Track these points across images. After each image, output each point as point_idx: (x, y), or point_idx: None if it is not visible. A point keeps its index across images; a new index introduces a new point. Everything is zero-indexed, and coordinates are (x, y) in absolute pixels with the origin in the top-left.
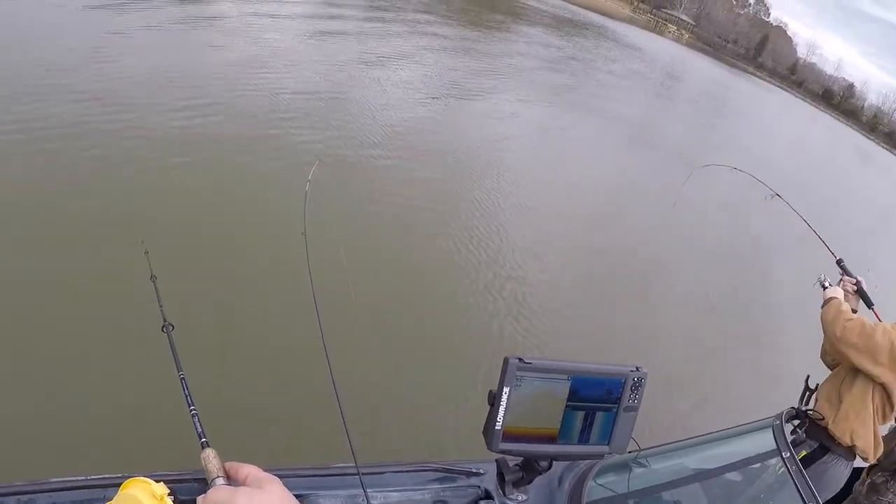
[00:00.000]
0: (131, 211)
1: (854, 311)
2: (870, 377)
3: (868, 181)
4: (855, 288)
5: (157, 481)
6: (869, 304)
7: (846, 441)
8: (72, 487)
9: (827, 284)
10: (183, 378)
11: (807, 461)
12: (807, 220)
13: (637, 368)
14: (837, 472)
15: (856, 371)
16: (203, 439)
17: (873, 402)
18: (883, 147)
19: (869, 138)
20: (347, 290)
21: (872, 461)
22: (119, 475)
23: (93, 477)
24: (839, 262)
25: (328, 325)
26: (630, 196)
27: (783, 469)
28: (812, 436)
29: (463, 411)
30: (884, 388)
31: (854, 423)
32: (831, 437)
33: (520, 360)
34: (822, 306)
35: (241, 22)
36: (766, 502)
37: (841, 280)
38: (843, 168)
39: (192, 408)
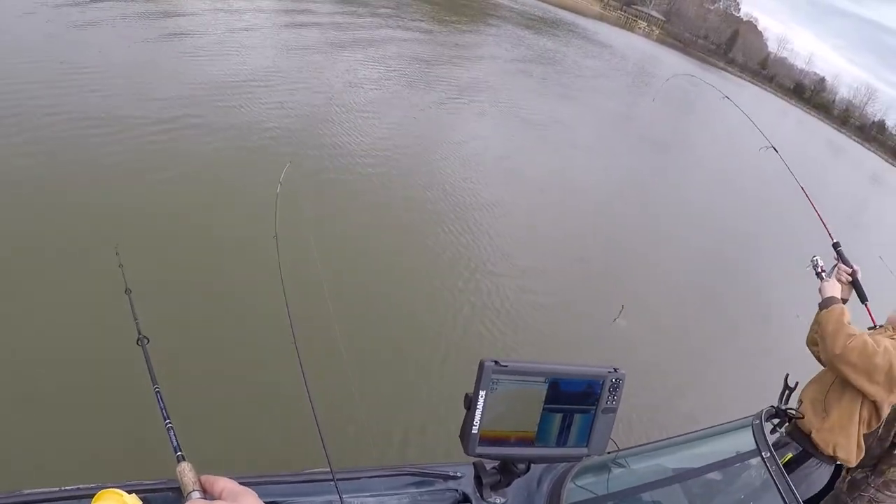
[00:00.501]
0: (105, 221)
1: (845, 301)
2: (861, 393)
3: (840, 174)
4: (850, 279)
5: (130, 492)
6: (863, 299)
7: (829, 452)
8: (45, 500)
9: (820, 269)
10: (158, 392)
11: (791, 464)
12: (804, 187)
13: (615, 370)
14: (820, 473)
15: (846, 383)
16: (179, 453)
17: (860, 416)
18: (854, 140)
19: (840, 132)
20: (322, 293)
21: (853, 465)
22: (93, 485)
23: (66, 488)
24: (835, 246)
25: (302, 330)
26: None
27: (764, 469)
28: (795, 439)
29: (439, 413)
30: (874, 404)
31: (839, 437)
32: (814, 445)
33: (496, 362)
34: (820, 305)
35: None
36: (747, 503)
37: (836, 267)
38: (817, 162)
39: (167, 421)
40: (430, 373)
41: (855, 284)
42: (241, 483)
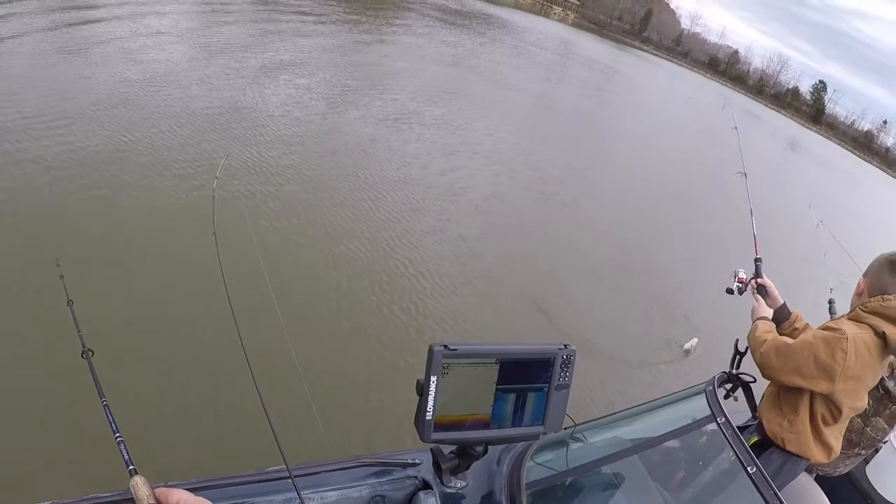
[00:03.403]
0: (41, 231)
1: (786, 314)
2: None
3: (761, 142)
4: (755, 288)
5: None
6: (777, 306)
7: (804, 455)
8: None
9: (737, 279)
10: (106, 405)
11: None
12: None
13: (565, 346)
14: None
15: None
16: (131, 466)
17: (816, 413)
18: (771, 108)
19: (757, 101)
20: (264, 288)
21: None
22: (49, 502)
23: None
24: (756, 261)
25: (247, 325)
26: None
27: (720, 434)
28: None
29: (392, 401)
30: (827, 398)
31: (804, 438)
32: (787, 450)
33: (445, 346)
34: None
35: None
36: (706, 468)
37: (749, 282)
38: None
39: (117, 435)
40: (377, 357)
41: (761, 293)
42: (198, 486)
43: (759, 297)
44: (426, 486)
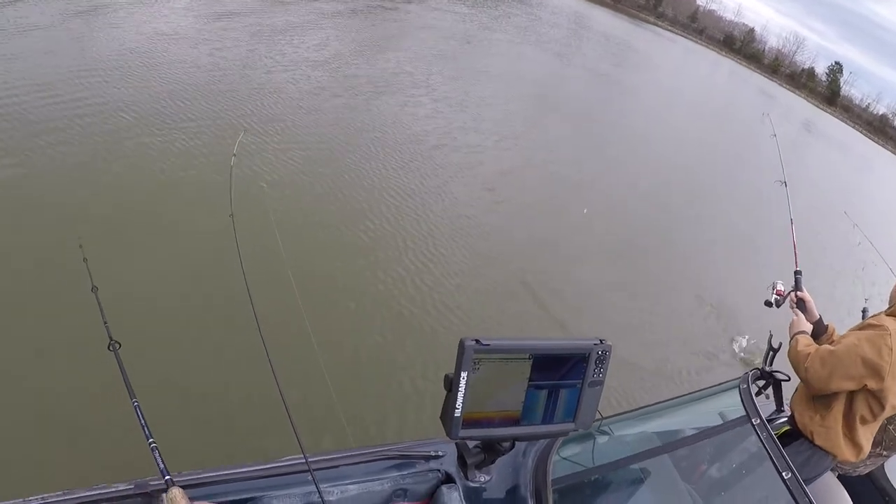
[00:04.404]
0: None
1: (825, 328)
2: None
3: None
4: (794, 302)
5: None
6: (815, 322)
7: (833, 453)
8: None
9: (775, 292)
10: (137, 406)
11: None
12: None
13: (601, 341)
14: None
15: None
16: (167, 476)
17: (854, 411)
18: (785, 88)
19: (772, 80)
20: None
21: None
22: (59, 493)
23: (31, 500)
24: (796, 273)
25: (268, 312)
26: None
27: (754, 435)
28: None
29: (416, 389)
30: (870, 393)
31: (836, 437)
32: (816, 446)
33: (476, 341)
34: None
35: None
36: (739, 470)
37: (789, 294)
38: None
39: (150, 440)
40: (397, 349)
41: (800, 307)
42: (212, 479)
43: (798, 311)
44: (449, 479)
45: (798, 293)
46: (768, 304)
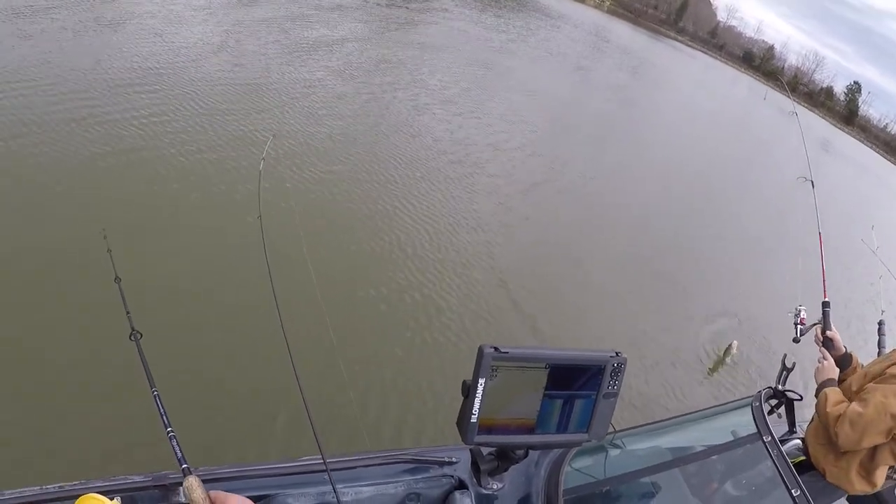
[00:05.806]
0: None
1: (850, 361)
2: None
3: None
4: (821, 339)
5: (112, 498)
6: (840, 364)
7: (845, 490)
8: (26, 502)
9: (800, 321)
10: (157, 395)
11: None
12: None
13: (617, 353)
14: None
15: None
16: (185, 465)
17: (881, 458)
18: (804, 106)
19: (791, 98)
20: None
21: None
22: (76, 483)
23: (49, 488)
24: (824, 305)
25: (291, 313)
26: None
27: (765, 453)
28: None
29: (432, 395)
30: None
31: (856, 476)
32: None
33: (495, 349)
34: (817, 393)
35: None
36: (748, 487)
37: (815, 325)
38: (768, 125)
39: (169, 429)
40: (417, 354)
41: (826, 345)
42: (232, 475)
43: (825, 352)
44: (462, 485)
45: (828, 332)
46: (796, 340)
